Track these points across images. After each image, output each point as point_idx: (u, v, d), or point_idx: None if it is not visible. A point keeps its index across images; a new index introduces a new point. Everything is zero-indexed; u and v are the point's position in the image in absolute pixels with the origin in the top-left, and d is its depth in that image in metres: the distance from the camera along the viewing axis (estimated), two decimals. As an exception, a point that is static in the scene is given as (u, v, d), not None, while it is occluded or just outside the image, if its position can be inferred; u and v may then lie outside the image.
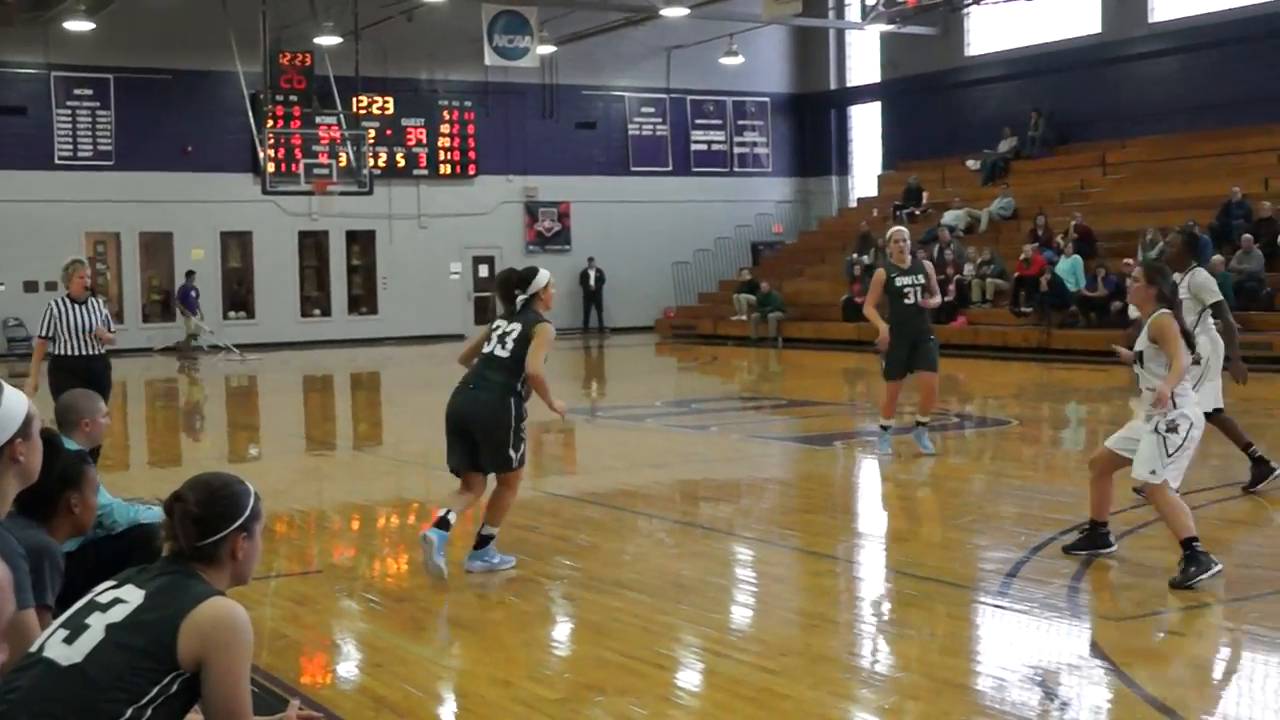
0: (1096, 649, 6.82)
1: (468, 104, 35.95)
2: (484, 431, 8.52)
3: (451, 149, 35.86)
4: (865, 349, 28.74)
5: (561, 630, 7.61)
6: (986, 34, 35.57)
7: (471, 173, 36.15)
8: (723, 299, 35.04)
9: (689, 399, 21.40)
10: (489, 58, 31.71)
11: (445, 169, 35.85)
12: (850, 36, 39.69)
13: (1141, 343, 8.17)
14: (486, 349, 8.64)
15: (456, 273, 36.57)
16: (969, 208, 32.10)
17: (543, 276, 8.76)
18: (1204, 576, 7.75)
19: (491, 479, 8.75)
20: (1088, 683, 6.39)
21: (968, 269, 28.84)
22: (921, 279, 12.97)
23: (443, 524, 8.35)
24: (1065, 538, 9.13)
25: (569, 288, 37.04)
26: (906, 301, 12.92)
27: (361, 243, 35.75)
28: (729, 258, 38.37)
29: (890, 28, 34.71)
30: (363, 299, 36.03)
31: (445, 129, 35.77)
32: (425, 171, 35.60)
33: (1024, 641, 7.13)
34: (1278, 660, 6.76)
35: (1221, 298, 10.46)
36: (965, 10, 34.49)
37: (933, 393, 13.40)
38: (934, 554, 9.08)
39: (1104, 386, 20.69)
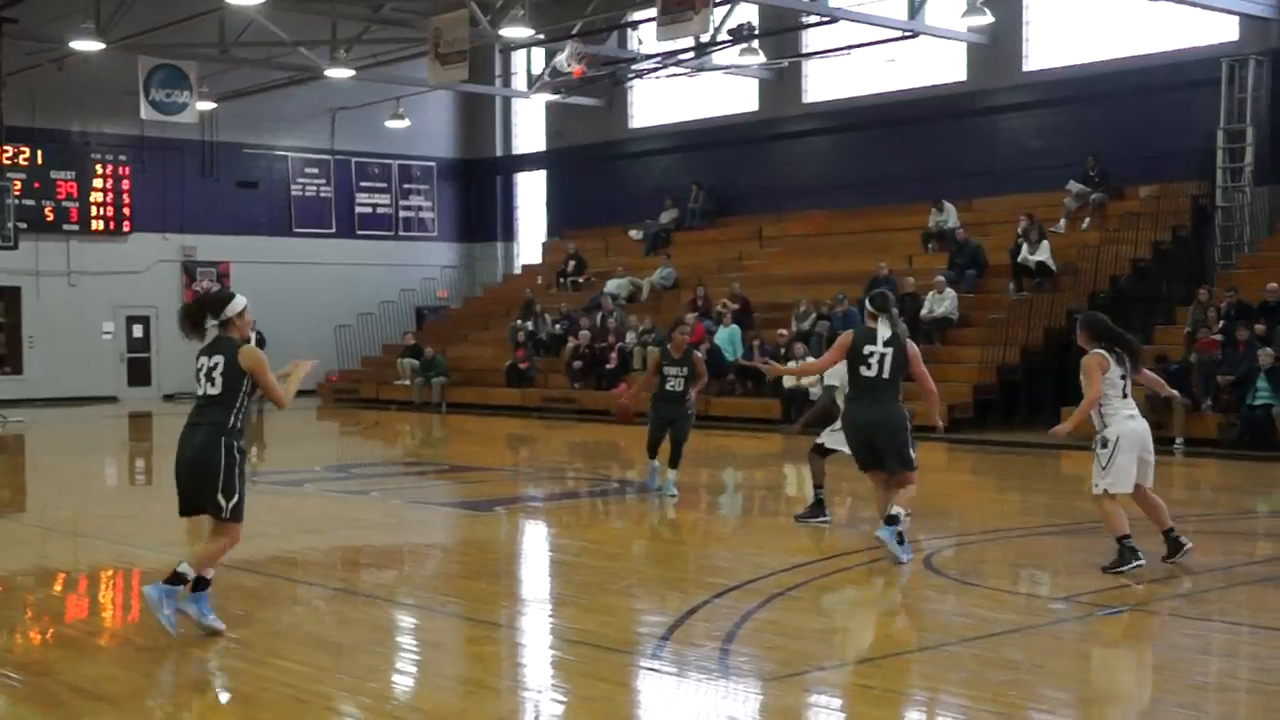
0: (747, 709, 6.96)
1: (122, 158, 34.78)
2: (195, 476, 8.42)
3: (104, 204, 34.59)
4: (529, 414, 28.98)
5: (211, 702, 7.34)
6: (650, 108, 36.47)
7: (126, 229, 34.93)
8: (386, 363, 34.73)
9: (350, 464, 21.07)
10: (145, 111, 30.78)
11: (97, 225, 34.55)
12: (517, 105, 40.14)
13: None
14: (199, 389, 8.62)
15: (109, 332, 35.22)
16: (631, 276, 32.70)
17: (239, 301, 8.74)
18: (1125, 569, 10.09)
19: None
20: (739, 743, 6.52)
21: (629, 337, 29.33)
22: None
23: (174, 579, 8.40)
24: (718, 600, 9.34)
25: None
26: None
27: (6, 299, 34.07)
28: (393, 322, 38.11)
29: (555, 98, 35.26)
30: (7, 358, 34.25)
31: (98, 183, 34.52)
32: (76, 227, 34.23)
33: (678, 703, 7.23)
34: (916, 717, 7.02)
35: None
36: (629, 84, 35.32)
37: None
38: (592, 619, 9.14)
39: (759, 453, 21.32)
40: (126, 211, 34.86)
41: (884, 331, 10.95)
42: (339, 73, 30.69)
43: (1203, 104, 25.63)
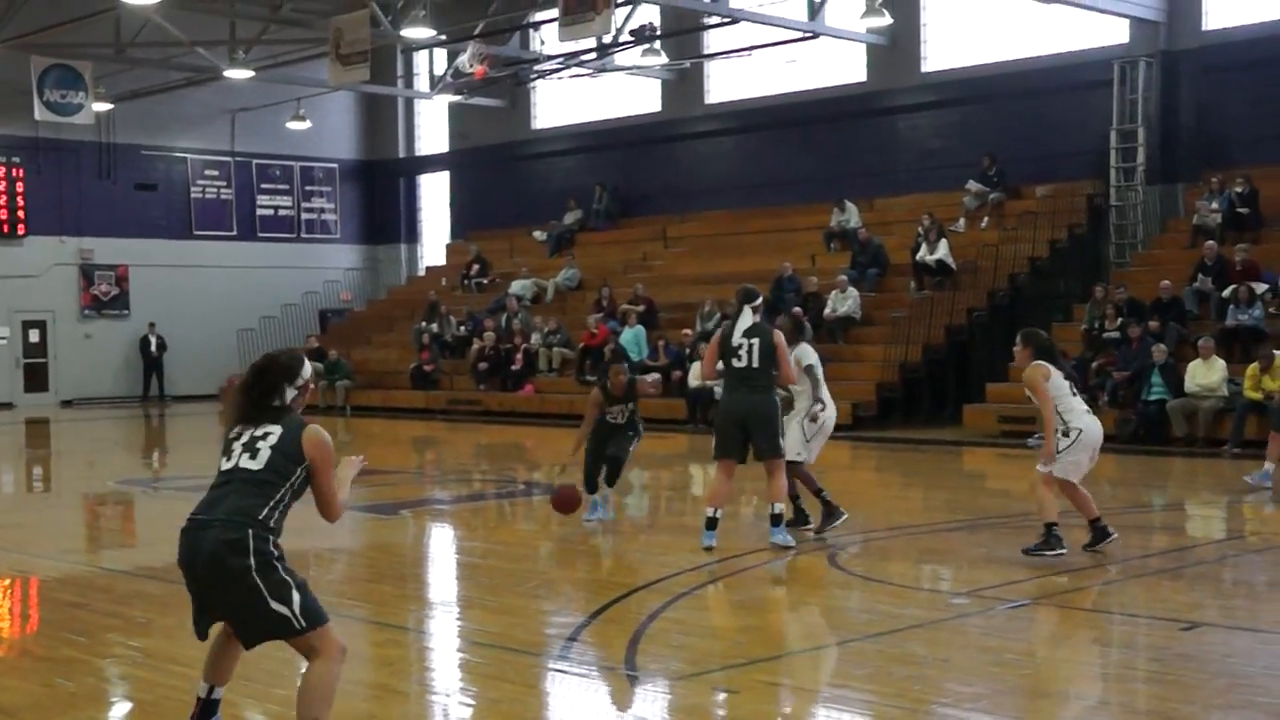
0: (655, 709, 6.99)
1: (16, 160, 34.16)
2: (218, 591, 5.80)
3: (-2, 207, 33.97)
4: (434, 416, 28.84)
5: (112, 711, 7.25)
6: (553, 109, 36.44)
7: (21, 232, 34.32)
8: (289, 367, 34.35)
9: (253, 469, 20.82)
10: (39, 112, 30.27)
11: (-10, 228, 33.92)
12: (419, 105, 39.94)
13: None
14: (228, 464, 5.94)
15: (4, 338, 34.54)
16: (536, 278, 32.67)
17: (308, 365, 6.28)
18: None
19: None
20: (647, 742, 6.55)
21: (535, 338, 29.30)
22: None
23: None
24: (625, 601, 9.36)
25: (128, 354, 35.75)
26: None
27: (-104, 305, 33.37)
28: (296, 325, 37.75)
29: (458, 98, 35.12)
30: (-103, 365, 33.54)
31: (-9, 186, 33.89)
32: (-31, 230, 33.59)
33: (585, 704, 7.24)
34: (823, 713, 7.09)
35: (816, 363, 12.10)
36: (531, 85, 35.26)
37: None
38: (499, 621, 9.13)
39: (665, 453, 21.36)
40: (21, 214, 34.26)
41: (744, 322, 11.37)
42: (238, 73, 30.37)
43: (1096, 105, 26.07)
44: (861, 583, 10.26)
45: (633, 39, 29.61)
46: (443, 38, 30.67)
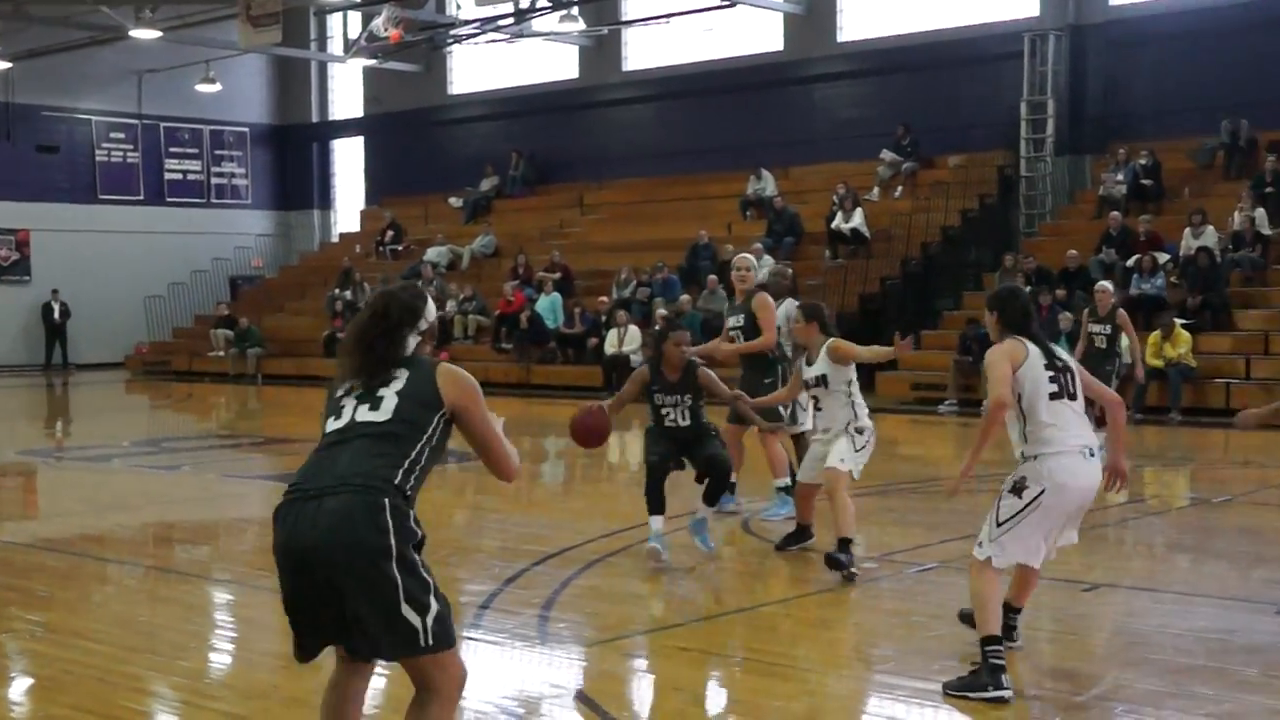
0: (567, 675, 6.98)
1: (-89, 121, 33.48)
2: (341, 575, 4.44)
3: (-108, 170, 33.26)
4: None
5: (12, 687, 7.11)
6: (469, 74, 36.19)
7: (-84, 195, 33.65)
8: (199, 334, 34.02)
9: (161, 438, 20.59)
10: (-67, 71, 29.68)
11: (-115, 191, 33.21)
12: (333, 69, 39.52)
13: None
14: (338, 422, 4.68)
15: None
16: (452, 245, 32.48)
17: (432, 303, 4.95)
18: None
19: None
20: (560, 709, 6.54)
21: (450, 306, 29.14)
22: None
23: None
24: (538, 568, 9.36)
25: (28, 321, 35.15)
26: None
27: None
28: (206, 291, 37.30)
29: (373, 63, 34.77)
30: None
31: (-113, 148, 33.16)
32: None
33: (498, 673, 7.22)
34: (736, 677, 7.12)
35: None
36: (447, 49, 34.98)
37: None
38: (411, 589, 9.06)
39: (579, 420, 21.33)
40: (-82, 177, 33.62)
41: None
42: (145, 33, 29.82)
43: (1006, 77, 26.32)
44: (772, 549, 10.30)
45: (550, 5, 29.44)
46: (357, 0, 30.33)
